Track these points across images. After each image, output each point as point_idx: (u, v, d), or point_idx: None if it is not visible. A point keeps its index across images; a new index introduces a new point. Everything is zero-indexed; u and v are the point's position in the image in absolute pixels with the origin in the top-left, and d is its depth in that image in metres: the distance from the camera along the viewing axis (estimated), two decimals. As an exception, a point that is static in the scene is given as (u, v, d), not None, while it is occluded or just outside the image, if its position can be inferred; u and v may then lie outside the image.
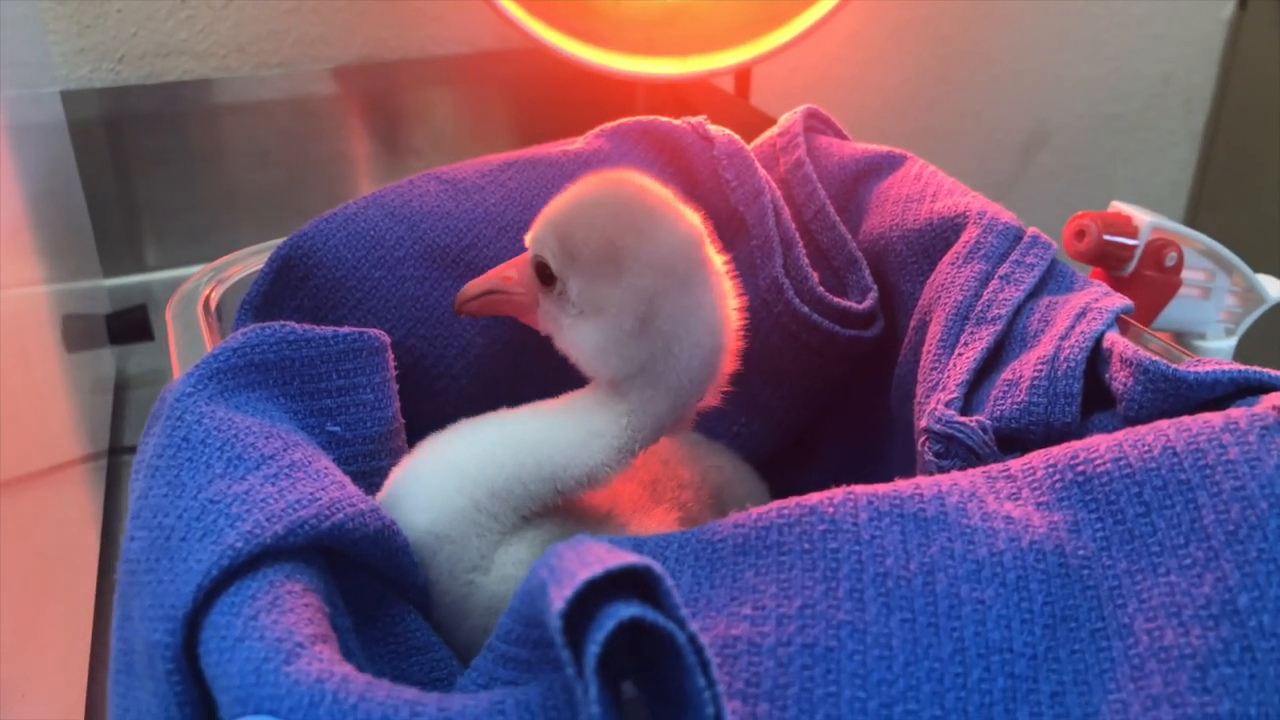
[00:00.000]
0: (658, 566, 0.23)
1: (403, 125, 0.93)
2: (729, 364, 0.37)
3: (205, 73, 0.87)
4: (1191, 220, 1.32)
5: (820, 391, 0.49)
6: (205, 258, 0.87)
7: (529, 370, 0.46)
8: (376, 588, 0.33)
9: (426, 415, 0.41)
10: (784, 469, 0.50)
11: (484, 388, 0.46)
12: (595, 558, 0.23)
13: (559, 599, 0.22)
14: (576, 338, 0.36)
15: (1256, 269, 0.59)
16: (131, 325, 0.69)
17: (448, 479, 0.35)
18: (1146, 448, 0.29)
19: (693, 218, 0.37)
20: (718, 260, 0.37)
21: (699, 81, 0.90)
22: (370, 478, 0.37)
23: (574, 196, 0.37)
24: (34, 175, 0.54)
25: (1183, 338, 0.60)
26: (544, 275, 0.37)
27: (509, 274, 0.39)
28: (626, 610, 0.22)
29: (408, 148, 0.94)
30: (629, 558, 0.23)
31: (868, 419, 0.49)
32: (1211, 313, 0.58)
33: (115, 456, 0.64)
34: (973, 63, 1.16)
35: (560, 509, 0.37)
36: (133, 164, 0.83)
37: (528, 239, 0.38)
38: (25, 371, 0.45)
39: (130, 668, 0.28)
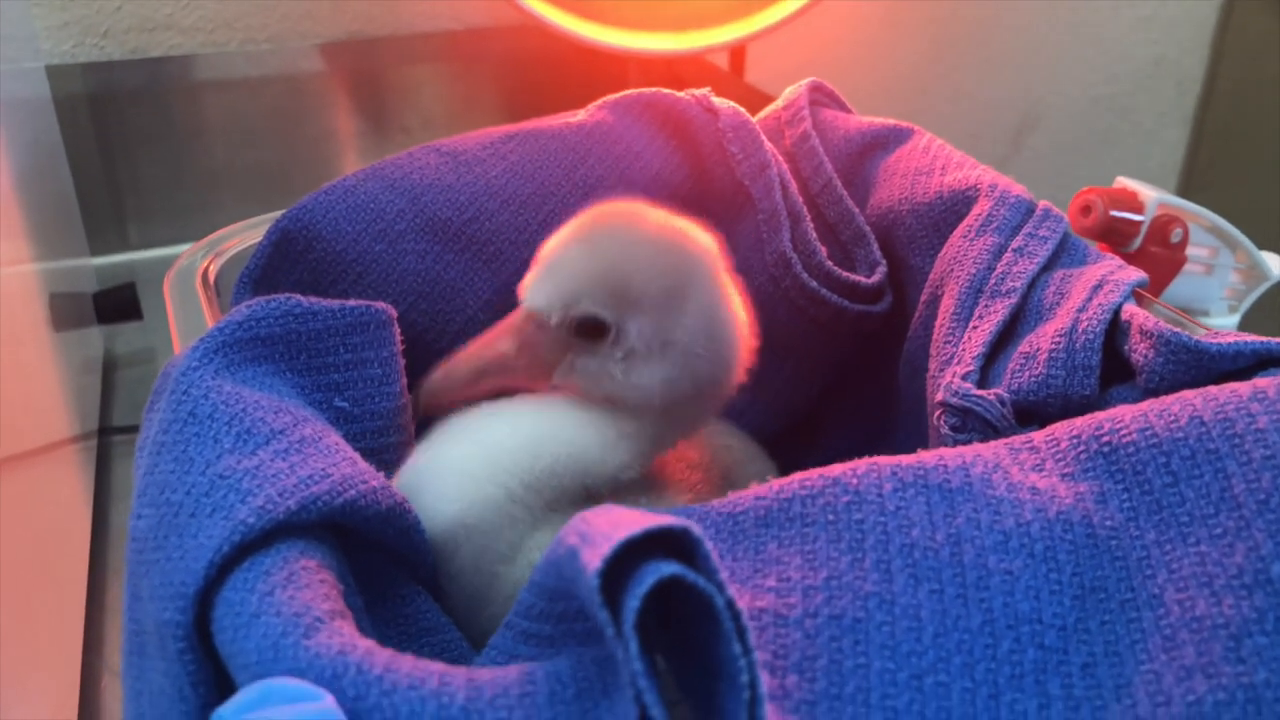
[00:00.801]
0: (696, 528, 0.22)
1: (391, 102, 0.92)
2: (747, 359, 0.38)
3: (191, 48, 0.85)
4: (1180, 201, 1.33)
5: (827, 367, 0.49)
6: (191, 235, 0.86)
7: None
8: (386, 567, 0.33)
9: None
10: (790, 446, 0.49)
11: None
12: (629, 521, 0.22)
13: (595, 558, 0.21)
14: (640, 379, 0.35)
15: (1254, 248, 0.59)
16: (119, 304, 0.67)
17: (480, 467, 0.34)
18: (1173, 417, 0.29)
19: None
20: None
21: (693, 58, 0.89)
22: (379, 454, 0.36)
23: (597, 245, 0.35)
24: (20, 152, 0.53)
25: (1186, 314, 0.60)
26: (590, 332, 0.35)
27: (499, 348, 0.36)
28: (667, 568, 0.21)
29: (397, 125, 0.92)
30: (667, 519, 0.22)
31: (875, 395, 0.49)
32: (1215, 289, 0.58)
33: (105, 436, 0.63)
34: (966, 44, 1.15)
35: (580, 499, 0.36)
36: (117, 140, 0.82)
37: (540, 303, 0.35)
38: (13, 351, 0.44)
39: (142, 649, 0.27)
